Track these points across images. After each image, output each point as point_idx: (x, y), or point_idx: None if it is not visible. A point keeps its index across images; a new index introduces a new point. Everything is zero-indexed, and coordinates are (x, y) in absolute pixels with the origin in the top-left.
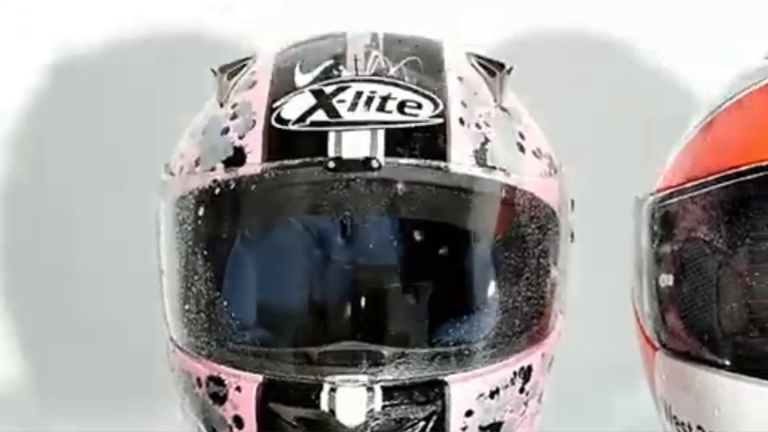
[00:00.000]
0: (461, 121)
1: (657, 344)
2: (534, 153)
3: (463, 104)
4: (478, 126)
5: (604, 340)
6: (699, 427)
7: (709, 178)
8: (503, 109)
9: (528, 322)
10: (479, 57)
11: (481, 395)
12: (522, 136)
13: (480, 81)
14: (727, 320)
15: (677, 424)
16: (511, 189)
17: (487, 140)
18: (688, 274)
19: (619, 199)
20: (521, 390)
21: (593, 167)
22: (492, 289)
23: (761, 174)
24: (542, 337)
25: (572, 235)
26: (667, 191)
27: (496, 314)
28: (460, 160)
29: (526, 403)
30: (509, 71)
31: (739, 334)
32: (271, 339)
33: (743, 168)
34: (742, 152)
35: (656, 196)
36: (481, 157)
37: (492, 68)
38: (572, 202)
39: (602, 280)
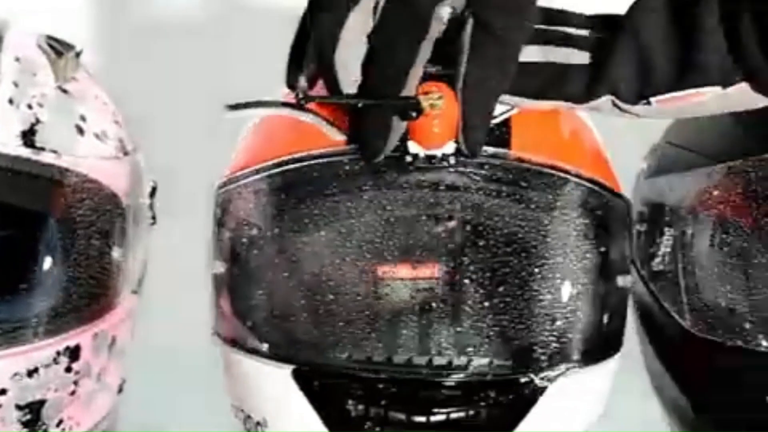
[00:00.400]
0: (11, 101)
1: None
2: (97, 136)
3: (15, 84)
4: (29, 106)
5: None
6: (245, 412)
7: (251, 169)
8: (64, 91)
9: (77, 302)
10: (50, 38)
11: (17, 374)
12: (83, 118)
13: (44, 63)
14: (265, 308)
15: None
16: (63, 170)
17: (38, 121)
18: (235, 262)
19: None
20: (68, 369)
21: None
22: (39, 267)
23: (297, 165)
24: (95, 317)
25: (153, 218)
26: (225, 179)
27: (39, 294)
28: (6, 140)
29: (76, 383)
30: (78, 54)
31: (278, 319)
32: None
33: (281, 159)
34: (280, 145)
35: (218, 183)
36: (29, 138)
37: (60, 49)
38: (154, 187)
39: None
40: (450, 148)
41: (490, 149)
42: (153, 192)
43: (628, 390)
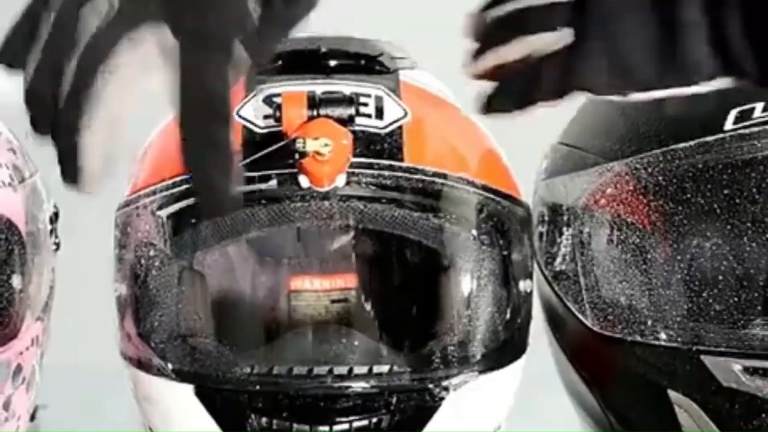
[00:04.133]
0: None
1: None
2: None
3: None
4: None
5: None
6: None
7: (147, 189)
8: None
9: None
10: None
11: None
12: None
13: None
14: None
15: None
16: None
17: None
18: (135, 283)
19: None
20: None
21: None
22: None
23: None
24: None
25: (57, 244)
26: (123, 200)
27: None
28: None
29: None
30: None
31: (178, 338)
32: None
33: (177, 179)
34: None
35: (118, 204)
36: None
37: None
38: (56, 213)
39: None
40: (341, 180)
41: (384, 161)
42: (55, 217)
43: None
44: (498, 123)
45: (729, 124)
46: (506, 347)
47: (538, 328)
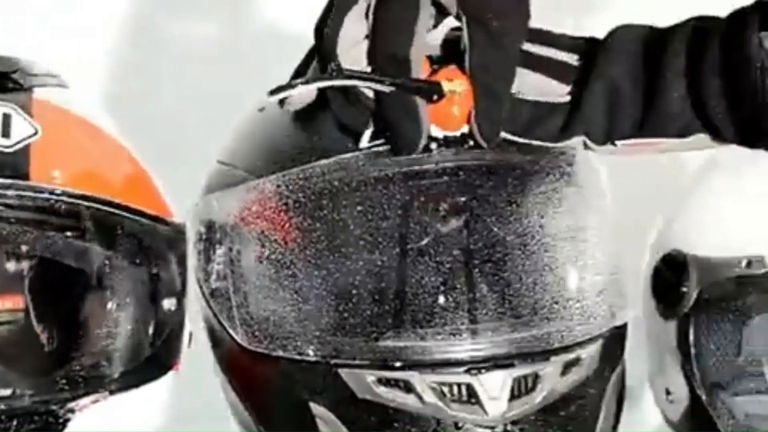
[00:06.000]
0: None
1: None
2: None
3: None
4: None
5: None
6: None
7: None
8: None
9: None
10: None
11: None
12: None
13: None
14: None
15: None
16: None
17: None
18: None
19: None
20: None
21: None
22: None
23: None
24: None
25: None
26: None
27: None
28: None
29: None
30: None
31: None
32: None
33: None
34: None
35: None
36: None
37: None
38: None
39: None
40: None
41: (6, 180)
42: None
43: None
44: None
45: (365, 142)
46: (149, 365)
47: None
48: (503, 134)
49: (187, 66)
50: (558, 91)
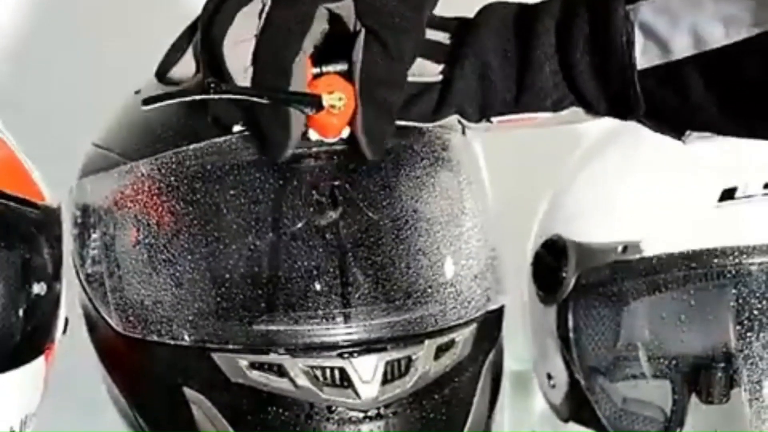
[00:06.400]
0: None
1: None
2: None
3: None
4: None
5: None
6: None
7: None
8: None
9: None
10: None
11: None
12: None
13: None
14: None
15: None
16: None
17: None
18: None
19: None
20: None
21: None
22: None
23: None
24: None
25: None
26: None
27: None
28: None
29: None
30: None
31: None
32: None
33: None
34: None
35: None
36: None
37: None
38: None
39: None
40: None
41: None
42: None
43: None
44: None
45: (237, 127)
46: (19, 349)
47: None
48: None
49: (68, 40)
50: (431, 71)
